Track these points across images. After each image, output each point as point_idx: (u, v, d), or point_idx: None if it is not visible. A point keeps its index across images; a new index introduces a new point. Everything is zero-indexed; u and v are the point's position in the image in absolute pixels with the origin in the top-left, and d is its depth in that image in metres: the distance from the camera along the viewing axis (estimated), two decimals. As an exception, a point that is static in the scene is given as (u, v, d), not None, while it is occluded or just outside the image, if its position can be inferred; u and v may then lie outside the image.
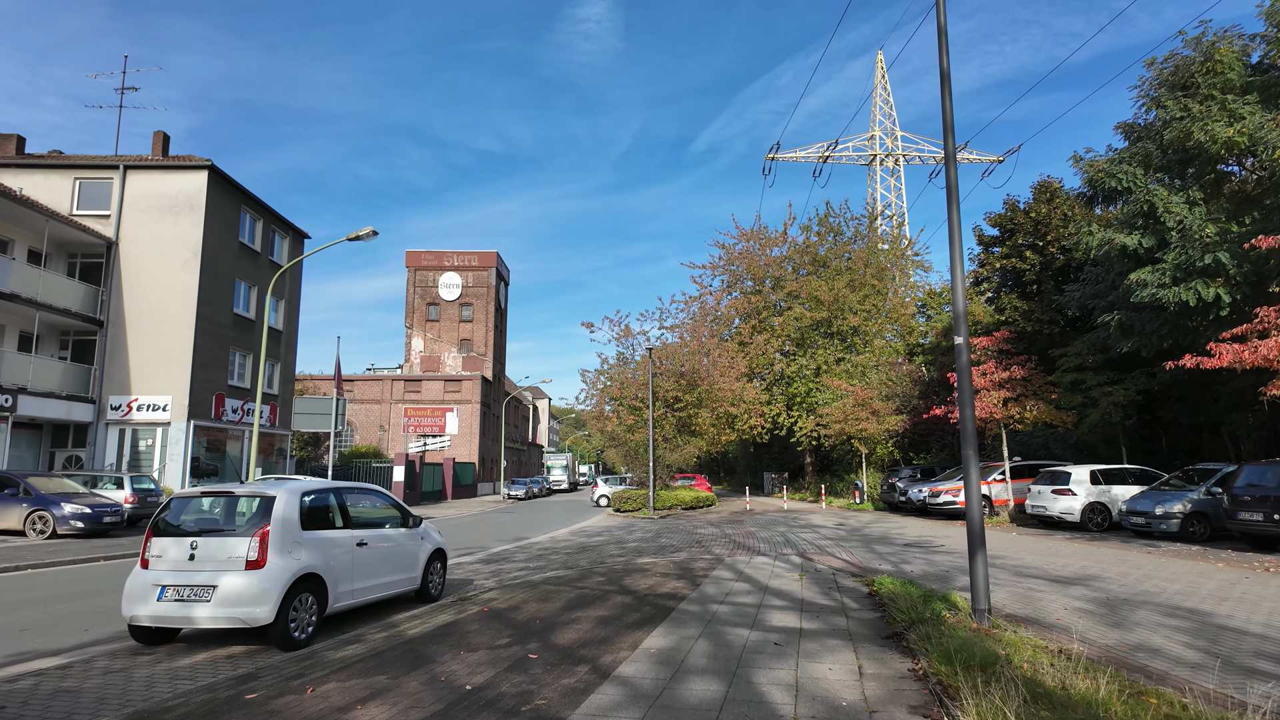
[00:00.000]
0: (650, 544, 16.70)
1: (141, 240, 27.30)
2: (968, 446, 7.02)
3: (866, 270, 39.34)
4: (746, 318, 40.15)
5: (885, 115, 53.07)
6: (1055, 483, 18.75)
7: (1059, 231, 23.11)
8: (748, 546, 15.64)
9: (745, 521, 23.89)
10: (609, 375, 33.55)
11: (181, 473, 26.40)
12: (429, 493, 44.66)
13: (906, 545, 15.73)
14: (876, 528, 20.58)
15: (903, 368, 35.26)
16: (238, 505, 7.45)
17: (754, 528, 21.12)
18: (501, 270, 68.54)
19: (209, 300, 27.71)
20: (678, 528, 21.68)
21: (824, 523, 22.89)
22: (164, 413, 26.54)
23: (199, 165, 27.74)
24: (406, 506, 9.43)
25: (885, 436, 32.07)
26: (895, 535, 18.15)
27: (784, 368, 39.56)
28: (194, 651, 7.03)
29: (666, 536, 18.70)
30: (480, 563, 13.80)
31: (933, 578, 10.77)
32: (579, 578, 10.79)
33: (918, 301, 40.31)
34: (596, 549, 15.90)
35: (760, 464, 52.97)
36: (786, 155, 51.87)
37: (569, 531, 21.47)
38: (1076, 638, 6.06)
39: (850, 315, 37.98)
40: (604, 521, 25.79)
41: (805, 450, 40.74)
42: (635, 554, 14.54)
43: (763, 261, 40.68)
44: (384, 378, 59.77)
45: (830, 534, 18.71)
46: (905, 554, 14.02)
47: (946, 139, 7.40)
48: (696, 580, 10.29)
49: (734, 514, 28.29)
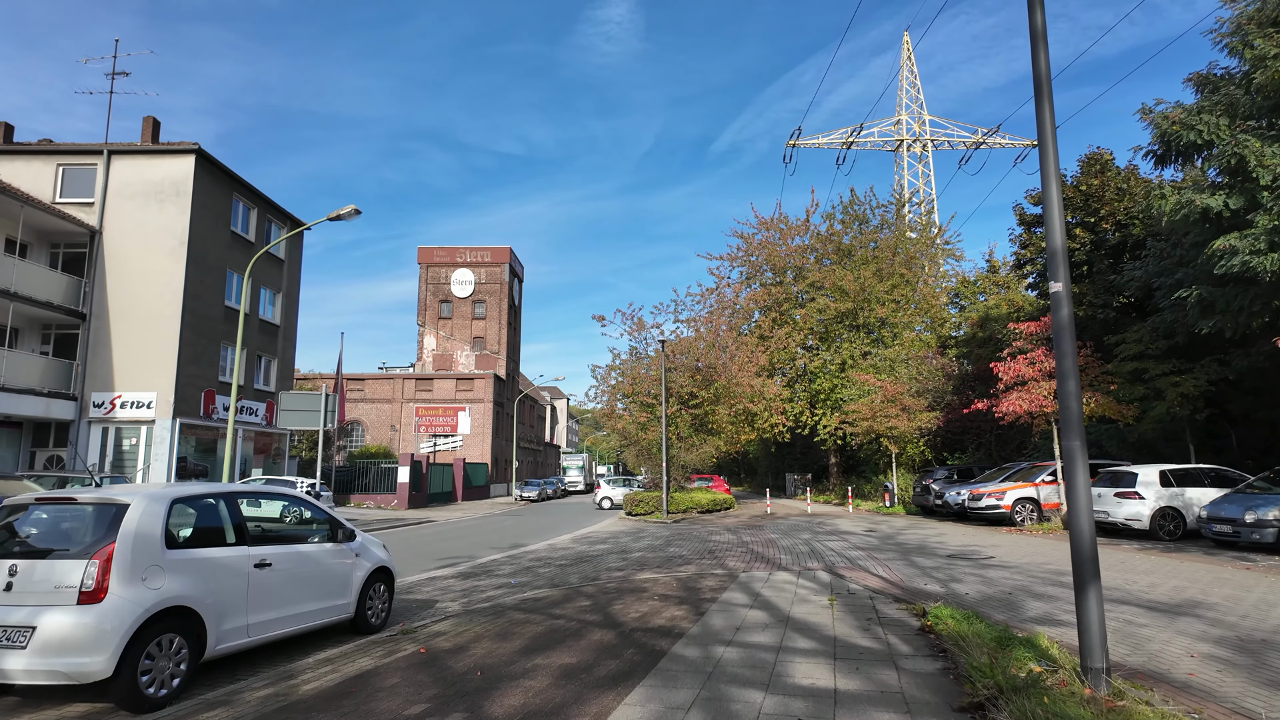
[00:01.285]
0: (657, 554, 14.78)
1: (126, 229, 25.93)
2: (1071, 435, 4.97)
3: (894, 259, 37.05)
4: (766, 310, 38.04)
5: (912, 99, 50.66)
6: (1118, 485, 16.51)
7: (1113, 206, 20.81)
8: (767, 558, 13.66)
9: (765, 527, 21.88)
10: (621, 371, 31.67)
11: (166, 474, 24.94)
12: (437, 494, 43.09)
13: (951, 557, 13.65)
14: (912, 535, 18.47)
15: (935, 361, 32.98)
16: (79, 516, 5.65)
17: (775, 534, 19.11)
18: (515, 266, 66.98)
19: (197, 292, 26.26)
20: (691, 534, 19.74)
21: (852, 529, 20.81)
22: (148, 410, 25.12)
23: (185, 149, 26.32)
24: (336, 516, 7.59)
25: (916, 435, 29.86)
26: (935, 544, 16.05)
27: (806, 363, 37.40)
28: (18, 714, 5.24)
29: (677, 545, 16.77)
30: (458, 577, 11.97)
31: (996, 603, 8.73)
32: (560, 600, 8.92)
33: (950, 291, 37.92)
34: (595, 560, 14.01)
35: (782, 464, 50.76)
36: (808, 141, 49.64)
37: (571, 538, 19.62)
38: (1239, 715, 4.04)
39: (877, 306, 35.74)
40: (612, 526, 23.91)
41: (830, 450, 38.54)
42: (637, 567, 12.63)
43: (783, 251, 38.55)
44: (395, 376, 58.43)
45: (861, 542, 16.66)
46: (952, 569, 11.96)
47: (1033, 14, 5.40)
48: (701, 606, 8.35)
49: (754, 518, 26.26)
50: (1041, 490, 19.81)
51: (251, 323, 30.06)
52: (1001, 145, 51.22)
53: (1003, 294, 33.55)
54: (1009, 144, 50.64)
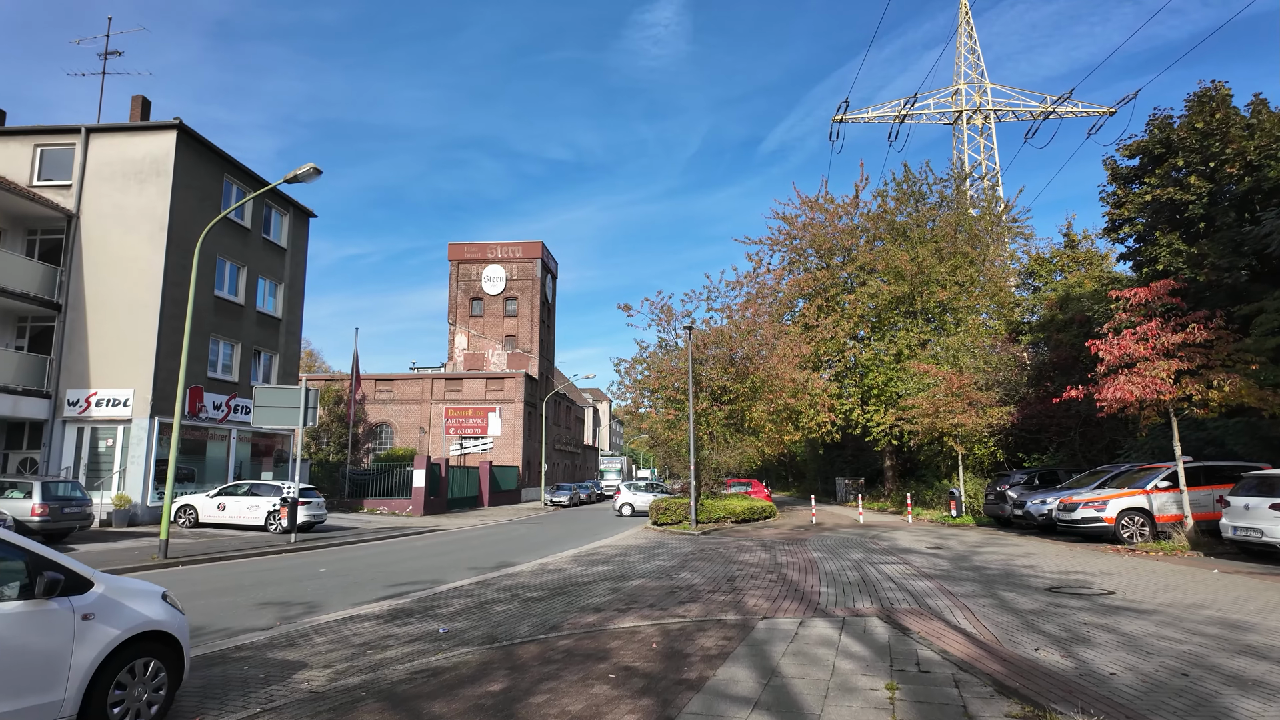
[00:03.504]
0: (661, 583, 11.55)
1: (104, 212, 23.94)
2: None
3: (956, 237, 32.98)
4: (811, 297, 34.37)
5: (971, 66, 46.15)
6: (1274, 494, 12.59)
7: (1242, 144, 16.71)
8: (801, 592, 10.31)
9: (808, 541, 18.41)
10: (647, 364, 28.46)
11: (143, 477, 22.77)
12: (461, 499, 40.56)
13: (1053, 591, 10.08)
14: (991, 556, 14.80)
15: (1006, 350, 28.89)
16: None
17: (818, 553, 15.65)
18: (548, 262, 64.46)
19: (179, 280, 24.08)
20: (716, 551, 16.43)
21: (914, 544, 17.19)
22: (124, 408, 23.00)
23: (166, 126, 24.21)
24: (46, 554, 4.57)
25: (986, 433, 25.87)
26: (1024, 571, 12.42)
27: (856, 354, 33.58)
28: None
29: (693, 567, 13.51)
30: (380, 619, 8.97)
31: (1168, 694, 5.26)
32: (472, 676, 5.81)
33: (1022, 271, 33.64)
34: (578, 591, 10.87)
35: (831, 468, 46.78)
36: (857, 116, 45.62)
37: (573, 555, 16.51)
38: None
39: (937, 289, 31.73)
40: (629, 539, 20.74)
41: (884, 451, 34.62)
42: (624, 605, 9.45)
43: (830, 233, 34.83)
44: (424, 376, 56.39)
45: (927, 566, 13.12)
46: (1065, 614, 8.43)
47: None
48: (675, 700, 5.12)
49: (796, 529, 22.76)
50: (1155, 499, 15.87)
51: (247, 315, 27.91)
52: (1074, 114, 46.36)
53: (1085, 271, 29.21)
54: (1083, 112, 45.76)
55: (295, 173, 15.81)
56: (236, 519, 22.36)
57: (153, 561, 14.80)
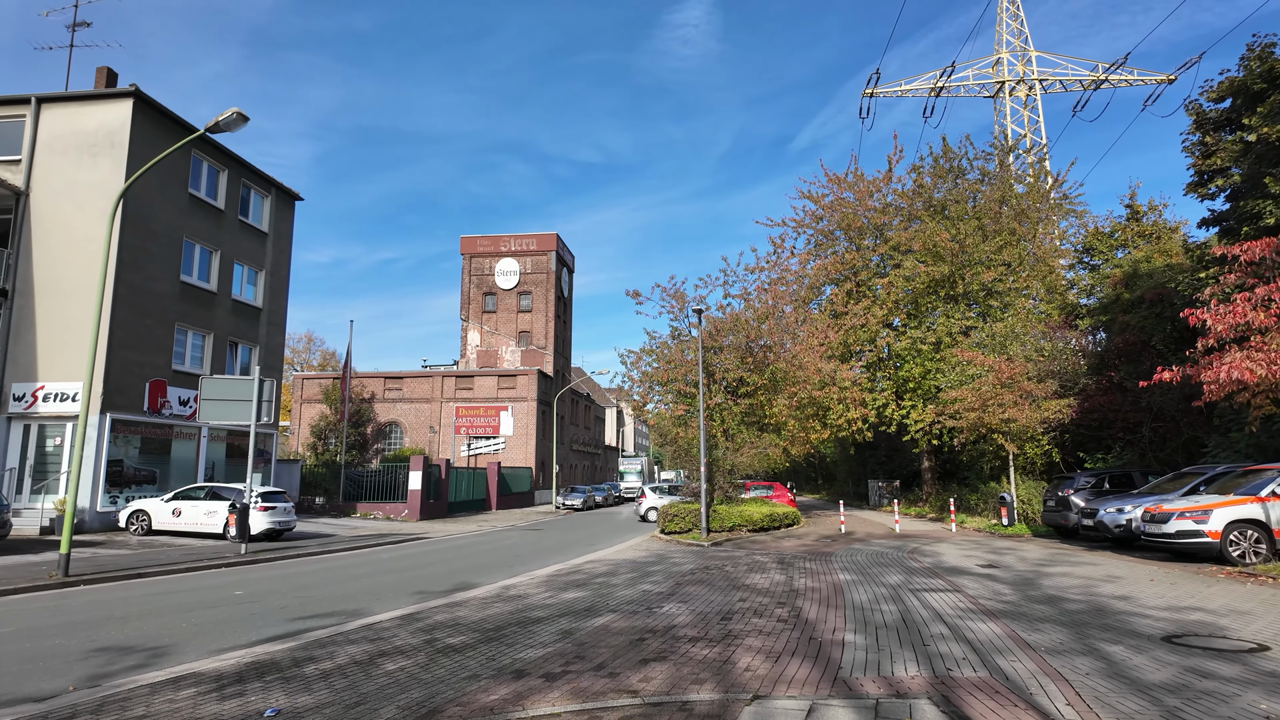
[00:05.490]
0: (633, 621, 8.78)
1: (54, 188, 21.88)
2: None
3: (1002, 213, 29.63)
4: (839, 282, 31.28)
5: (1014, 33, 42.51)
6: None
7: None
8: (818, 644, 7.45)
9: (835, 557, 15.47)
10: (656, 355, 25.64)
11: (93, 480, 20.62)
12: (466, 503, 38.15)
13: (1174, 643, 7.08)
14: (1065, 579, 11.75)
15: (1061, 335, 25.55)
16: None
17: (846, 573, 12.73)
18: (563, 254, 61.98)
19: (136, 263, 21.96)
20: (721, 570, 13.59)
21: (963, 561, 14.16)
22: (73, 403, 20.88)
23: (120, 93, 22.07)
24: None
25: (1040, 430, 22.62)
26: (1120, 605, 9.39)
27: (890, 343, 30.41)
28: None
29: (684, 595, 10.70)
30: (210, 685, 6.33)
31: None
32: None
33: (1078, 248, 30.16)
34: (516, 636, 8.14)
35: (864, 469, 43.48)
36: (888, 90, 42.28)
37: (549, 574, 13.78)
38: None
39: (982, 270, 28.45)
40: (628, 551, 17.98)
41: (922, 451, 31.40)
42: (562, 666, 6.70)
43: (860, 211, 31.67)
44: (434, 374, 54.24)
45: (986, 595, 10.15)
46: (1218, 695, 5.45)
47: None
48: None
49: (821, 541, 19.80)
50: (1273, 509, 12.66)
51: (221, 303, 25.74)
52: (1128, 84, 42.48)
53: (1154, 245, 25.70)
54: (1138, 80, 41.85)
55: (217, 119, 13.37)
56: (193, 526, 20.08)
57: (48, 580, 12.46)
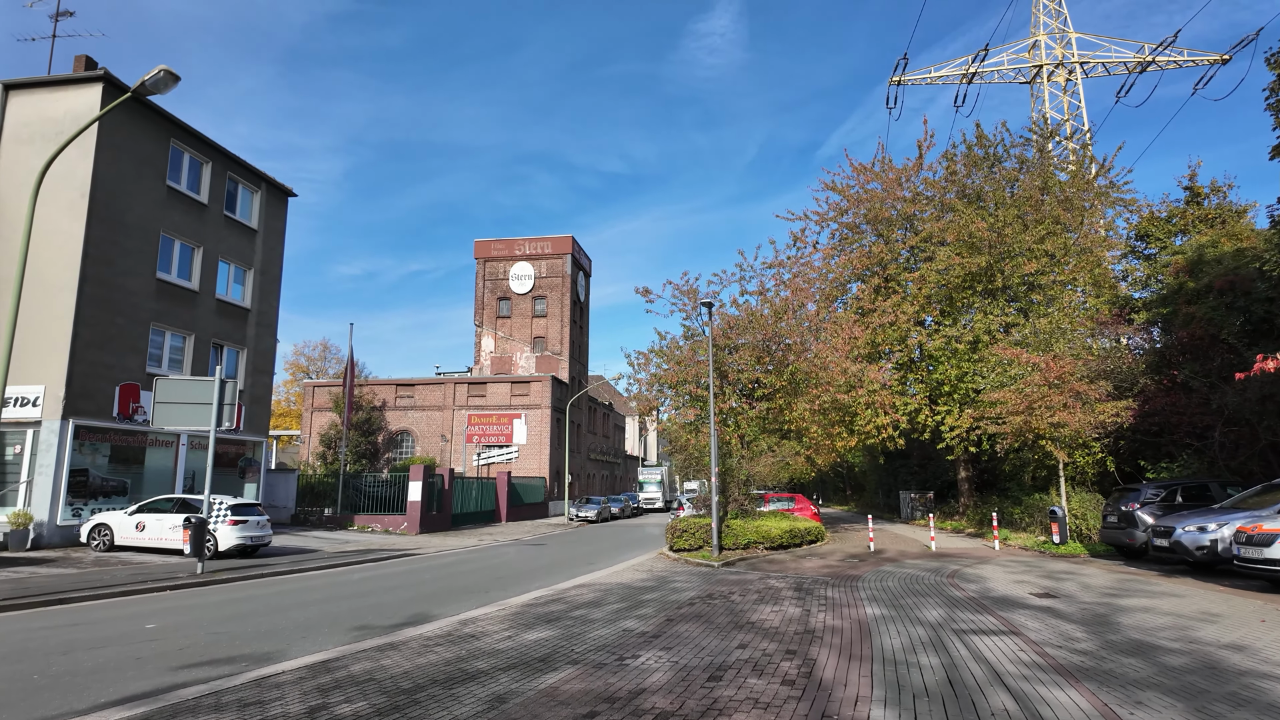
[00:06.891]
0: (592, 682, 6.75)
1: (21, 180, 20.55)
2: None
3: (1043, 201, 27.16)
4: (866, 278, 29.01)
5: (1052, 14, 39.91)
6: None
7: None
8: (837, 723, 5.34)
9: (861, 583, 13.26)
10: (665, 355, 23.58)
11: (53, 491, 19.10)
12: (473, 514, 36.33)
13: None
14: (1148, 617, 9.46)
15: (1116, 330, 23.03)
16: None
17: (874, 606, 10.55)
18: (579, 258, 60.29)
19: (106, 257, 20.53)
20: (726, 600, 11.47)
21: (1015, 591, 11.88)
22: (33, 408, 19.42)
23: (90, 78, 20.73)
24: None
25: (1093, 435, 20.13)
26: (1236, 662, 7.14)
27: (922, 342, 28.02)
28: None
29: (670, 639, 8.64)
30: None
31: None
32: None
33: (1131, 234, 27.56)
34: (434, 702, 6.15)
35: (894, 479, 40.86)
36: (917, 77, 39.88)
37: (525, 602, 11.78)
38: None
39: (1023, 261, 26.00)
40: (627, 572, 15.92)
41: (958, 459, 28.89)
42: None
43: (889, 201, 29.40)
44: (446, 381, 52.72)
45: (1053, 643, 7.93)
46: None
47: None
48: None
49: (846, 560, 17.54)
50: None
51: (203, 303, 24.27)
52: (1176, 66, 39.65)
53: (1220, 229, 23.08)
54: (1188, 62, 39.00)
55: (143, 79, 11.71)
56: (157, 541, 18.43)
57: (-56, 608, 10.76)
